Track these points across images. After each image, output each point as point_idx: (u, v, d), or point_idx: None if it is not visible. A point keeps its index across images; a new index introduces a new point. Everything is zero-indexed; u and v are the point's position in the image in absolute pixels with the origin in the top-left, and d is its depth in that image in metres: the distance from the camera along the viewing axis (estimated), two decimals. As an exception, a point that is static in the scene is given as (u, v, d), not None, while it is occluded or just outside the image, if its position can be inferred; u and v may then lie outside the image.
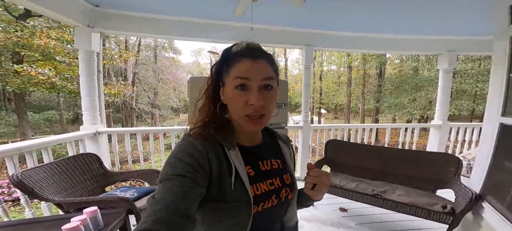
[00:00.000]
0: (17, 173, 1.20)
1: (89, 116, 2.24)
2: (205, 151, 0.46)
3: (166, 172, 0.43)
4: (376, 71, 13.80)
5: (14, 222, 1.08)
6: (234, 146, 0.49)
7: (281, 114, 1.53)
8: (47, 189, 1.29)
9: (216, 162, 0.46)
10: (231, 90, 0.48)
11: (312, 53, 2.94)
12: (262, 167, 0.53)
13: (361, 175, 2.45)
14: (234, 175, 0.46)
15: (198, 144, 0.46)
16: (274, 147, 0.61)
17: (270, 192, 0.51)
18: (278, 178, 0.54)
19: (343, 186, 2.17)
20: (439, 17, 2.39)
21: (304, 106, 3.03)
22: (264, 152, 0.56)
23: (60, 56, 7.67)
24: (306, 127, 3.02)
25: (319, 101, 17.24)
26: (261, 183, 0.51)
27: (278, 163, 0.57)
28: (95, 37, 2.19)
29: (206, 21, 2.46)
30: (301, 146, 3.08)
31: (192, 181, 0.42)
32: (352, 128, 3.45)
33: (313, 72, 16.89)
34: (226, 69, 0.49)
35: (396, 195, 1.97)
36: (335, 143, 2.79)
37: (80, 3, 2.00)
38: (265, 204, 0.50)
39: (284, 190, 0.54)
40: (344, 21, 2.63)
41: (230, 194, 0.46)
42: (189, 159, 0.44)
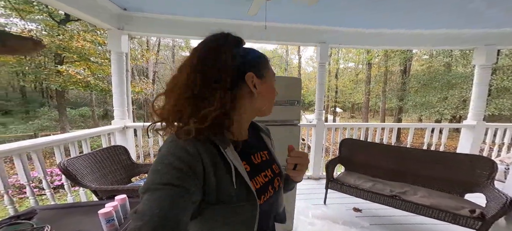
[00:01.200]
0: (63, 161, 1.39)
1: (119, 112, 2.46)
2: (197, 154, 0.42)
3: (152, 180, 0.38)
4: (399, 67, 12.97)
5: (60, 206, 1.25)
6: (228, 143, 0.47)
7: (294, 111, 1.55)
8: (86, 177, 1.48)
9: (211, 165, 0.43)
10: (271, 86, 0.54)
11: (327, 50, 2.90)
12: (254, 161, 0.54)
13: (377, 175, 2.40)
14: (234, 174, 0.45)
15: (189, 146, 0.42)
16: (258, 140, 0.62)
17: (267, 184, 0.54)
18: (269, 169, 0.57)
19: (358, 186, 2.14)
20: (475, 8, 2.20)
21: (318, 104, 3.00)
22: (253, 145, 0.57)
23: (93, 57, 8.49)
24: (319, 125, 3.00)
25: (335, 100, 16.71)
26: (258, 177, 0.52)
27: (266, 154, 0.59)
28: (124, 39, 2.39)
29: (221, 21, 2.54)
30: (314, 145, 3.06)
31: (183, 189, 0.38)
32: (370, 127, 3.35)
33: (328, 70, 16.38)
34: (265, 64, 0.52)
35: (417, 196, 1.91)
36: (350, 142, 2.75)
37: (112, 8, 2.20)
38: (265, 196, 0.52)
39: (276, 179, 0.58)
40: (362, 17, 2.55)
41: (234, 194, 0.44)
42: (179, 164, 0.40)
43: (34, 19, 8.51)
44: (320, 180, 3.03)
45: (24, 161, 1.35)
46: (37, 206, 1.20)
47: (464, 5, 2.16)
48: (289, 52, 18.67)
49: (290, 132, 1.58)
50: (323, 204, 2.38)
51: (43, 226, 0.91)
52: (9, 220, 1.00)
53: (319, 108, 3.00)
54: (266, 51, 19.82)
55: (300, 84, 1.57)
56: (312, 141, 3.10)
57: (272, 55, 18.65)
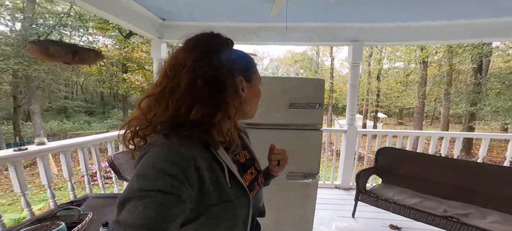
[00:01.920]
0: (111, 155, 1.64)
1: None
2: (191, 158, 0.40)
3: (139, 186, 0.34)
4: (472, 65, 10.65)
5: (107, 195, 1.45)
6: (218, 144, 0.48)
7: (315, 115, 1.45)
8: (129, 172, 1.70)
9: (207, 167, 0.42)
10: (257, 89, 0.55)
11: (361, 49, 2.65)
12: (241, 159, 0.57)
13: (428, 191, 2.08)
14: (228, 173, 0.46)
15: (184, 150, 0.40)
16: (241, 140, 0.63)
17: (253, 180, 0.58)
18: (253, 167, 0.60)
19: (398, 201, 1.88)
20: None
21: (350, 108, 2.75)
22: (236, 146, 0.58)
23: (148, 65, 10.04)
24: (351, 131, 2.74)
25: (376, 104, 15.00)
26: (246, 175, 0.55)
27: (247, 153, 0.62)
28: (163, 47, 2.71)
29: (245, 25, 2.61)
30: (344, 152, 2.81)
31: (175, 197, 0.35)
32: (422, 135, 2.85)
33: (368, 71, 14.87)
34: (253, 68, 0.54)
35: (486, 221, 1.58)
36: (391, 151, 2.47)
37: (154, 19, 2.51)
38: (253, 192, 0.56)
39: (259, 175, 0.62)
40: (401, 10, 2.24)
41: (230, 192, 0.45)
42: (173, 170, 0.36)
43: (110, 35, 10.53)
44: (350, 191, 2.77)
45: (85, 154, 1.65)
46: (90, 194, 1.42)
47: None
48: (320, 54, 17.68)
49: (309, 138, 1.49)
50: (351, 217, 2.17)
51: (87, 213, 1.08)
52: (65, 204, 1.23)
53: (351, 112, 2.75)
54: (294, 53, 19.34)
55: (323, 86, 1.47)
56: (342, 148, 2.86)
57: (301, 58, 18.01)
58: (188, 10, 2.39)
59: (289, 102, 1.45)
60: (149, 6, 2.27)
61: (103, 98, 18.33)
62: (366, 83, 15.21)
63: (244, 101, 0.51)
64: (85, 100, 17.29)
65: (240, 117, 0.54)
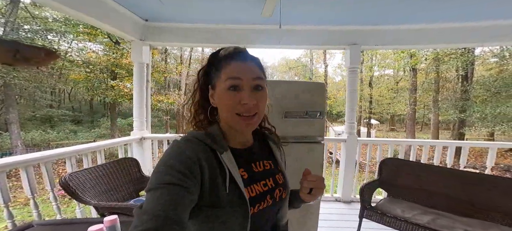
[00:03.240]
0: (66, 175, 1.35)
1: (138, 123, 2.48)
2: (196, 158, 0.44)
3: (155, 180, 0.41)
4: (458, 73, 10.95)
5: (57, 221, 1.19)
6: (226, 149, 0.49)
7: (316, 125, 1.24)
8: (89, 191, 1.41)
9: (208, 168, 0.45)
10: (223, 91, 0.49)
11: (359, 53, 2.51)
12: (255, 169, 0.54)
13: (437, 206, 1.89)
14: (228, 179, 0.46)
15: (188, 150, 0.45)
16: (265, 149, 0.62)
17: (265, 193, 0.53)
18: (271, 178, 0.56)
19: (409, 219, 1.67)
20: None
21: (349, 115, 2.56)
22: (255, 154, 0.57)
23: None
24: (351, 140, 2.55)
25: (369, 110, 15.15)
26: (255, 185, 0.51)
27: (270, 164, 0.58)
28: (146, 50, 2.45)
29: (236, 27, 2.45)
30: (343, 163, 2.61)
31: (183, 188, 0.40)
32: (425, 144, 2.69)
33: (360, 78, 15.09)
34: (216, 72, 0.50)
35: None
36: (395, 163, 2.29)
37: (135, 19, 2.27)
38: (261, 205, 0.51)
39: (278, 190, 0.56)
40: (401, 12, 2.12)
41: (225, 198, 0.45)
42: (180, 166, 0.42)
43: (101, 41, 10.20)
44: (352, 204, 2.56)
45: (29, 173, 1.35)
46: (36, 221, 1.16)
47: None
48: (314, 61, 17.89)
49: (310, 152, 1.26)
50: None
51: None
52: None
53: (350, 120, 2.56)
54: (289, 60, 19.47)
55: (324, 91, 1.27)
56: (341, 158, 2.66)
57: (295, 64, 18.17)
58: (172, 11, 2.17)
59: (284, 111, 1.23)
60: (129, 5, 2.04)
61: (92, 106, 17.75)
62: (359, 89, 15.41)
63: (219, 109, 0.52)
64: (73, 108, 16.64)
65: (229, 125, 0.52)
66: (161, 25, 2.43)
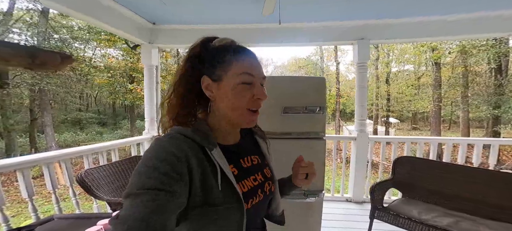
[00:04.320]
0: (82, 171, 1.46)
1: (149, 123, 2.61)
2: (184, 156, 0.41)
3: (135, 184, 0.36)
4: (489, 66, 9.97)
5: (75, 215, 1.26)
6: (215, 145, 0.47)
7: (316, 121, 1.20)
8: (103, 188, 1.51)
9: (198, 166, 0.42)
10: (233, 86, 0.47)
11: (368, 47, 2.40)
12: (243, 165, 0.53)
13: (461, 209, 1.76)
14: (220, 176, 0.44)
15: (175, 148, 0.41)
16: (251, 143, 0.61)
17: (256, 188, 0.52)
18: (260, 173, 0.56)
19: (426, 221, 1.56)
20: None
21: (359, 113, 2.46)
22: (243, 149, 0.56)
23: None
24: (362, 138, 2.44)
25: (387, 108, 14.35)
26: (246, 180, 0.51)
27: (257, 158, 0.58)
28: (154, 52, 2.56)
29: (241, 26, 2.45)
30: (354, 162, 2.50)
31: (168, 193, 0.36)
32: (448, 142, 2.50)
33: (376, 75, 14.37)
34: (221, 65, 0.48)
35: None
36: (412, 161, 2.16)
37: (143, 23, 2.37)
38: (253, 200, 0.51)
39: (267, 183, 0.57)
40: (414, 6, 1.99)
41: (218, 196, 0.43)
42: (165, 167, 0.38)
43: (120, 47, 10.85)
44: (363, 205, 2.45)
45: (51, 170, 1.48)
46: (56, 215, 1.25)
47: None
48: (325, 58, 17.32)
49: (310, 148, 1.23)
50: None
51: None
52: (27, 227, 1.05)
53: (360, 117, 2.46)
54: (298, 59, 19.10)
55: (323, 85, 1.23)
56: (352, 157, 2.55)
57: (305, 63, 17.76)
58: (178, 13, 2.25)
59: (283, 107, 1.21)
60: (137, 9, 2.14)
61: (115, 109, 18.99)
62: (374, 87, 14.70)
63: (215, 104, 0.50)
64: (98, 111, 17.89)
65: (227, 121, 0.51)
66: (167, 27, 2.51)
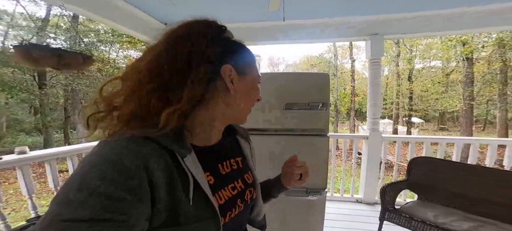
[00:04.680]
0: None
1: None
2: (141, 165, 0.30)
3: (61, 209, 0.26)
4: None
5: None
6: (189, 150, 0.38)
7: (319, 118, 1.18)
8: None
9: (164, 179, 0.33)
10: (253, 83, 0.47)
11: (381, 43, 2.29)
12: (222, 171, 0.46)
13: (484, 214, 1.64)
14: (192, 188, 0.35)
15: (127, 159, 0.30)
16: (233, 145, 0.54)
17: (234, 198, 0.46)
18: (240, 179, 0.49)
19: (442, 225, 1.49)
20: None
21: (371, 111, 2.36)
22: (222, 152, 0.49)
23: None
24: (374, 137, 2.33)
25: (409, 107, 13.44)
26: (223, 190, 0.44)
27: (237, 162, 0.51)
28: None
29: (257, 24, 2.45)
30: (365, 161, 2.40)
31: (116, 224, 0.27)
32: (474, 143, 2.31)
33: (396, 72, 13.52)
34: (245, 60, 0.45)
35: None
36: (430, 162, 2.05)
37: (156, 24, 2.47)
38: (232, 213, 0.44)
39: (248, 191, 0.50)
40: None
41: (190, 213, 0.35)
42: (109, 188, 0.27)
43: (140, 48, 11.54)
44: (375, 206, 2.36)
45: (74, 161, 1.60)
46: None
47: None
48: (339, 56, 16.61)
49: (313, 145, 1.22)
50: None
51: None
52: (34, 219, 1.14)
53: (373, 116, 2.35)
54: (310, 57, 18.61)
55: (326, 81, 1.20)
56: (363, 157, 2.45)
57: (318, 61, 17.22)
58: (187, 13, 2.31)
59: (285, 103, 1.21)
60: (150, 11, 2.26)
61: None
62: (395, 85, 13.87)
63: (232, 98, 0.43)
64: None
65: (226, 119, 0.47)
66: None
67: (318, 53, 17.59)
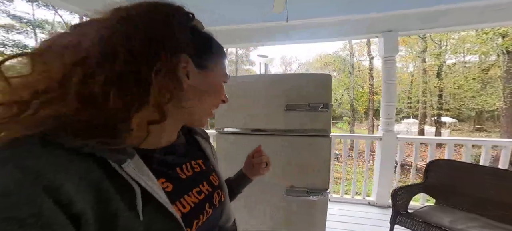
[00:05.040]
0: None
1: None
2: (51, 191, 0.22)
3: None
4: None
5: None
6: (131, 154, 0.30)
7: (321, 118, 1.21)
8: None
9: (90, 198, 0.25)
10: (218, 81, 0.43)
11: (396, 40, 2.20)
12: (181, 175, 0.40)
13: (506, 220, 1.52)
14: (140, 200, 0.28)
15: (28, 181, 0.22)
16: (192, 146, 0.49)
17: (202, 203, 0.41)
18: (205, 182, 0.45)
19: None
20: None
21: (385, 111, 2.28)
22: (180, 154, 0.43)
23: None
24: (388, 138, 2.25)
25: (438, 106, 12.32)
26: (187, 196, 0.38)
27: (200, 164, 0.46)
28: None
29: (265, 25, 2.45)
30: (378, 163, 2.32)
31: None
32: (508, 145, 2.12)
33: (423, 69, 12.52)
34: (209, 53, 0.40)
35: None
36: (451, 165, 1.94)
37: None
38: (199, 221, 0.39)
39: (216, 193, 0.46)
40: None
41: (142, 229, 0.28)
42: (6, 210, 0.20)
43: None
44: (389, 210, 2.25)
45: None
46: None
47: None
48: (356, 53, 15.78)
49: (314, 146, 1.24)
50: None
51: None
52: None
53: (387, 116, 2.27)
54: (324, 55, 17.99)
55: (327, 82, 1.22)
56: (376, 158, 2.37)
57: (332, 59, 16.56)
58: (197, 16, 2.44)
59: (286, 104, 1.26)
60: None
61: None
62: (421, 82, 12.83)
63: (186, 95, 0.36)
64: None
65: (180, 119, 0.41)
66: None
67: (332, 51, 16.99)
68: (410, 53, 13.82)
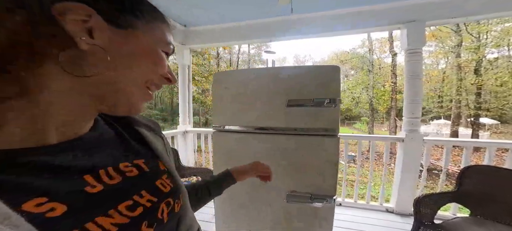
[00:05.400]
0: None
1: (182, 118, 2.87)
2: None
3: None
4: None
5: None
6: None
7: (327, 115, 1.03)
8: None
9: None
10: (152, 47, 0.30)
11: (422, 31, 1.92)
12: (95, 185, 0.27)
13: None
14: None
15: None
16: (127, 141, 0.35)
17: (135, 222, 0.28)
18: (145, 190, 0.32)
19: None
20: None
21: (408, 110, 2.00)
22: (94, 152, 0.29)
23: (197, 76, 11.79)
24: (412, 140, 1.96)
25: (476, 106, 10.97)
26: (103, 217, 0.25)
27: (139, 165, 0.33)
28: (186, 53, 2.80)
29: (276, 19, 2.35)
30: (400, 167, 2.04)
31: None
32: None
33: (457, 65, 11.26)
34: (140, 10, 0.29)
35: None
36: (490, 172, 1.67)
37: (177, 27, 2.60)
38: None
39: (164, 204, 0.33)
40: None
41: None
42: None
43: None
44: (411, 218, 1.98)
45: None
46: None
47: None
48: (377, 50, 14.62)
49: (320, 146, 1.06)
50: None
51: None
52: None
53: (410, 115, 1.99)
54: (340, 52, 16.95)
55: (337, 75, 1.03)
56: (397, 161, 2.09)
57: (349, 56, 15.52)
58: (205, 15, 2.38)
59: (287, 99, 1.09)
60: (172, 15, 2.40)
61: (173, 107, 22.27)
62: (455, 79, 11.53)
63: (89, 57, 0.25)
64: (161, 109, 21.51)
65: (90, 93, 0.27)
66: (197, 29, 2.67)
67: (349, 48, 16.04)
68: (441, 48, 12.53)
